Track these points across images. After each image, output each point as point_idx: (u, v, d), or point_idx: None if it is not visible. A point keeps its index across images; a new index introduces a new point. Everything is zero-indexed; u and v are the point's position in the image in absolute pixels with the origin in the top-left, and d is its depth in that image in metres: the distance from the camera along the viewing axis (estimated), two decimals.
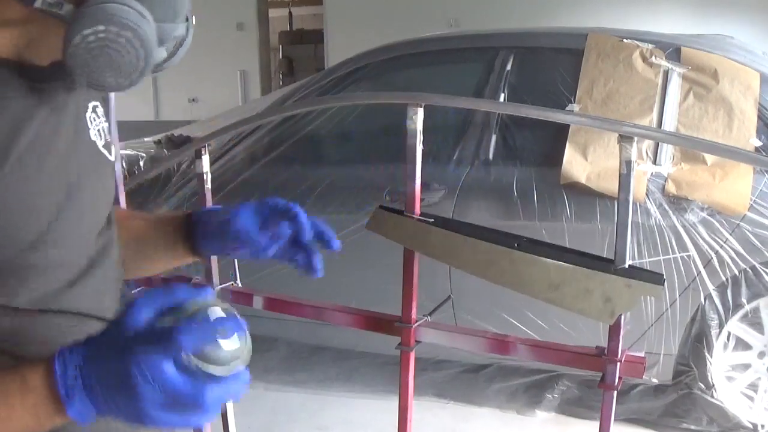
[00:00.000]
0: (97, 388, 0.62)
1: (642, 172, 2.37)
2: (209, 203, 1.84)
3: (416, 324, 1.63)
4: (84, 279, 0.80)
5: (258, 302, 1.85)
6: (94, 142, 0.85)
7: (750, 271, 2.33)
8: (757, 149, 2.36)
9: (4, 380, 0.64)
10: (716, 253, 2.32)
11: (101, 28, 0.68)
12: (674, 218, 2.33)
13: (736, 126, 2.39)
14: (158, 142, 3.34)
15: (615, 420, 1.46)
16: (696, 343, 2.45)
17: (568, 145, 2.47)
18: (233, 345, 0.63)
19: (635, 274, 1.39)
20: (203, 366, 0.61)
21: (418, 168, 1.56)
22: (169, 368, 0.60)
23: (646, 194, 2.36)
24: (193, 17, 0.81)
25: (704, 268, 2.33)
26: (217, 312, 0.64)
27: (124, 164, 2.96)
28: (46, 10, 0.69)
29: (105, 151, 0.87)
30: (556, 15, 7.47)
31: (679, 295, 2.38)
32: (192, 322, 0.62)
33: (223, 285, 1.89)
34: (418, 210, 1.59)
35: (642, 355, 1.46)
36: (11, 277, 0.72)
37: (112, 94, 1.19)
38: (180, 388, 0.61)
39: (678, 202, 2.35)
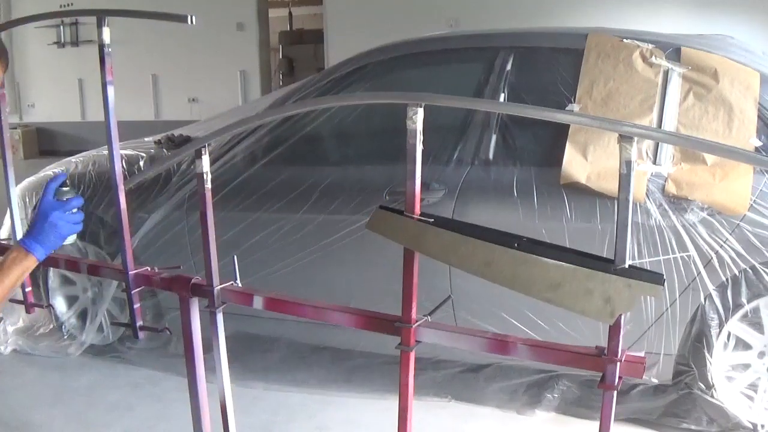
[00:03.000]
0: (40, 238, 1.48)
1: (642, 172, 2.37)
2: (209, 203, 1.84)
3: (416, 324, 1.63)
4: None
5: (258, 302, 1.85)
6: None
7: (750, 271, 2.33)
8: (757, 149, 2.36)
9: (6, 267, 1.45)
10: (716, 253, 2.32)
11: None
12: (674, 218, 2.33)
13: (736, 126, 2.39)
14: (158, 142, 3.34)
15: (615, 420, 1.46)
16: (696, 343, 2.45)
17: (568, 145, 2.47)
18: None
19: (635, 274, 1.39)
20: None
21: (418, 168, 1.56)
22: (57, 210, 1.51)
23: (646, 194, 2.36)
24: (194, 17, 0.83)
25: (704, 268, 2.33)
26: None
27: (124, 164, 2.96)
28: None
29: None
30: (556, 15, 7.46)
31: (679, 295, 2.38)
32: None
33: (224, 285, 1.89)
34: (418, 210, 1.59)
35: (642, 355, 1.46)
36: None
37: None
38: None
39: (678, 202, 2.35)
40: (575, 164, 2.45)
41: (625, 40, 2.60)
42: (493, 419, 2.71)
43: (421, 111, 1.52)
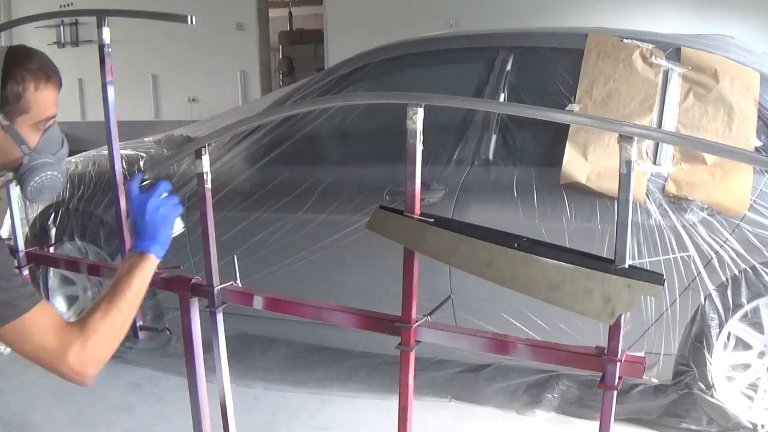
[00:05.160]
0: (149, 235, 1.42)
1: (642, 172, 2.37)
2: (209, 203, 1.84)
3: (416, 324, 1.63)
4: None
5: (258, 302, 1.85)
6: None
7: (750, 271, 2.34)
8: (757, 149, 2.36)
9: (125, 275, 1.37)
10: (716, 253, 2.32)
11: (37, 178, 1.46)
12: (674, 218, 2.33)
13: (736, 126, 2.39)
14: (158, 142, 3.34)
15: (615, 420, 1.46)
16: (696, 343, 2.45)
17: (568, 145, 2.47)
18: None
19: (635, 274, 1.39)
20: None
21: (418, 168, 1.56)
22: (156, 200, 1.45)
23: (646, 194, 2.36)
24: (194, 17, 0.85)
25: (704, 268, 2.33)
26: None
27: (124, 164, 2.96)
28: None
29: None
30: (556, 15, 7.46)
31: (679, 295, 2.38)
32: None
33: (224, 285, 1.89)
34: (418, 210, 1.59)
35: (642, 355, 1.46)
36: None
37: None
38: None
39: (678, 202, 2.35)
40: (575, 164, 2.45)
41: (625, 40, 2.60)
42: (493, 419, 2.71)
43: (421, 111, 1.52)
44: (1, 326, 1.23)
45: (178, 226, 1.51)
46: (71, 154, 3.58)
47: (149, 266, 1.40)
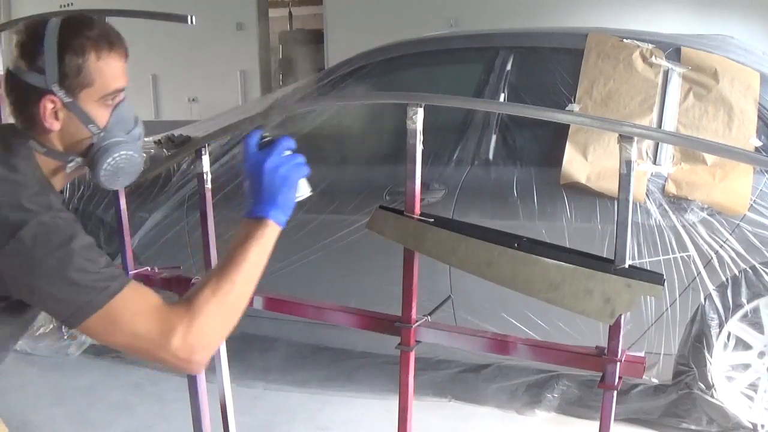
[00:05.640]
0: (267, 198, 1.23)
1: (642, 172, 2.37)
2: (209, 203, 1.84)
3: (416, 324, 1.63)
4: None
5: (258, 302, 1.85)
6: None
7: (750, 271, 2.33)
8: (757, 149, 2.36)
9: (240, 245, 1.18)
10: (716, 253, 2.32)
11: (110, 159, 1.23)
12: (674, 218, 2.33)
13: (736, 126, 2.39)
14: (158, 142, 3.33)
15: (615, 420, 1.46)
16: (696, 343, 2.45)
17: (568, 145, 2.47)
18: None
19: (635, 274, 1.39)
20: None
21: (418, 168, 1.56)
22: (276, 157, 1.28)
23: (646, 194, 2.36)
24: (194, 17, 0.86)
25: (704, 268, 2.33)
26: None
27: None
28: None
29: None
30: (556, 15, 7.46)
31: (679, 295, 2.38)
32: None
33: None
34: (418, 210, 1.59)
35: (642, 355, 1.46)
36: None
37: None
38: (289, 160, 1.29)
39: (678, 202, 2.35)
40: (575, 164, 2.45)
41: (625, 40, 2.60)
42: (493, 419, 2.71)
43: (421, 111, 1.52)
44: (89, 316, 1.09)
45: (304, 189, 1.32)
46: None
47: (268, 234, 1.21)
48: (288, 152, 1.29)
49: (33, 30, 1.18)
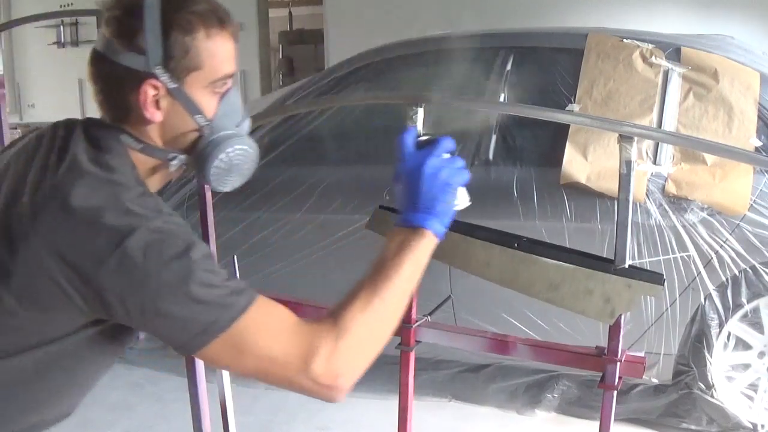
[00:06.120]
0: (424, 205, 1.07)
1: (642, 172, 2.37)
2: (209, 203, 1.84)
3: (416, 324, 1.63)
4: None
5: None
6: None
7: (750, 271, 2.33)
8: (757, 149, 2.36)
9: (393, 256, 1.04)
10: (716, 253, 2.32)
11: (222, 155, 1.04)
12: (674, 218, 2.33)
13: (736, 126, 2.39)
14: None
15: (615, 420, 1.46)
16: (696, 343, 2.45)
17: (568, 145, 2.47)
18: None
19: (635, 274, 1.39)
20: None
21: None
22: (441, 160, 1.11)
23: (646, 194, 2.36)
24: None
25: (704, 268, 2.33)
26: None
27: None
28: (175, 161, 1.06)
29: None
30: (556, 15, 7.46)
31: (679, 295, 2.38)
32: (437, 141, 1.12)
33: None
34: None
35: (642, 355, 1.46)
36: None
37: None
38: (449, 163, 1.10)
39: (678, 202, 2.35)
40: (575, 164, 2.45)
41: (625, 40, 2.60)
42: (493, 419, 2.71)
43: (421, 111, 1.52)
44: (214, 338, 0.92)
45: (463, 198, 1.14)
46: None
47: (424, 245, 1.05)
48: (447, 155, 1.12)
49: (129, 3, 0.99)
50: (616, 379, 1.44)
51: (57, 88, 10.11)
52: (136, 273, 0.89)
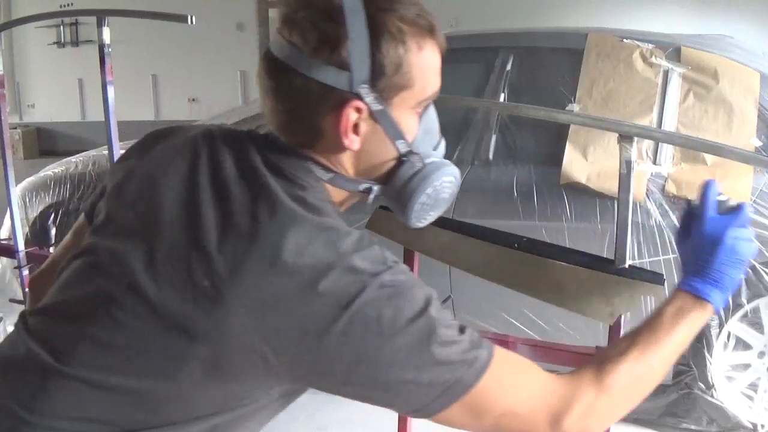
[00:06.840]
0: (713, 276, 0.96)
1: (642, 172, 2.37)
2: None
3: None
4: None
5: None
6: None
7: (750, 271, 2.33)
8: (757, 149, 2.36)
9: (669, 321, 0.94)
10: None
11: (429, 190, 0.92)
12: (674, 218, 2.33)
13: (736, 126, 2.39)
14: None
15: None
16: (696, 343, 2.45)
17: (568, 145, 2.47)
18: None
19: (635, 274, 1.39)
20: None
21: None
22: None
23: (646, 194, 2.36)
24: (194, 17, 0.84)
25: None
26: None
27: None
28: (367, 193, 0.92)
29: None
30: (556, 15, 7.46)
31: None
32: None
33: None
34: None
35: None
36: None
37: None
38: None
39: (678, 202, 2.35)
40: (575, 164, 2.45)
41: (625, 40, 2.60)
42: None
43: None
44: (457, 399, 0.80)
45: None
46: (71, 154, 3.59)
47: (702, 318, 0.95)
48: (748, 228, 1.02)
49: (325, 4, 0.80)
50: None
51: (57, 88, 10.13)
52: (368, 341, 0.76)
